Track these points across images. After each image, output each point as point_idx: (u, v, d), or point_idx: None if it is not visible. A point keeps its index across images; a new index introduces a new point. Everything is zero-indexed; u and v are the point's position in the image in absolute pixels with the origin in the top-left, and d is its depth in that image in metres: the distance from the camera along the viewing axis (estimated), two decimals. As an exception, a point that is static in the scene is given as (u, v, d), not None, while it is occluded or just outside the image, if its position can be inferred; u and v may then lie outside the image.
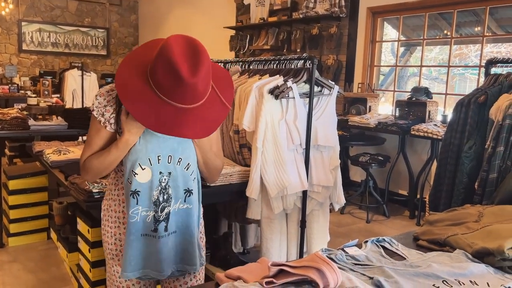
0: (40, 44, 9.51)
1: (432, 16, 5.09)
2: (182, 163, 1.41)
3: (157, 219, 1.40)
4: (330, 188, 2.58)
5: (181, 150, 1.40)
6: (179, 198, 1.42)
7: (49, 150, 2.84)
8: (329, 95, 2.55)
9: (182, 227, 1.45)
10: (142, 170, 1.36)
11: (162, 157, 1.38)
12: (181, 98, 1.24)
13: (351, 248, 1.20)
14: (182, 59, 1.20)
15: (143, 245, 1.41)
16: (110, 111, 1.38)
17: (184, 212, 1.44)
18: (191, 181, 1.43)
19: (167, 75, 1.21)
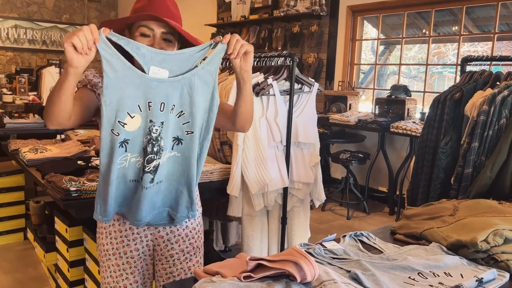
0: (16, 40, 9.30)
1: (411, 15, 5.16)
2: (175, 110, 1.29)
3: (143, 169, 1.30)
4: (311, 185, 2.60)
5: (176, 97, 1.28)
6: (167, 147, 1.31)
7: (25, 148, 2.78)
8: (309, 92, 2.56)
9: (168, 175, 1.34)
10: (131, 119, 1.25)
11: (154, 104, 1.26)
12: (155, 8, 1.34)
13: (330, 243, 1.21)
14: None
15: (128, 190, 1.33)
16: (97, 77, 1.37)
17: (172, 160, 1.33)
18: (182, 131, 1.31)
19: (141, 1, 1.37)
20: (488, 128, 1.76)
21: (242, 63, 1.34)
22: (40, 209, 2.87)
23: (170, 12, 1.37)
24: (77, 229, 2.35)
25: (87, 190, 2.02)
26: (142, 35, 1.35)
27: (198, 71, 1.30)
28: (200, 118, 1.31)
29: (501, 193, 1.65)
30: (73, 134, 3.30)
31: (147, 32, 1.35)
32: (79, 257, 2.38)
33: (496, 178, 1.71)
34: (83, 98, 1.33)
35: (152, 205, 1.36)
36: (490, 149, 1.76)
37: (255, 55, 2.75)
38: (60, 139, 3.32)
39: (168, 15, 1.35)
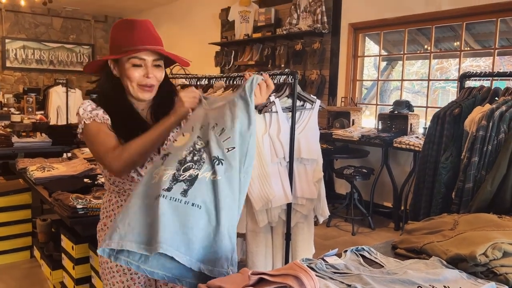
0: (24, 61, 9.48)
1: (412, 31, 5.23)
2: (217, 128, 1.22)
3: (175, 177, 1.12)
4: (314, 200, 2.61)
5: (220, 117, 1.24)
6: (207, 165, 1.16)
7: (33, 167, 2.83)
8: (311, 109, 2.60)
9: (208, 203, 1.12)
10: (183, 137, 1.25)
11: (204, 126, 1.25)
12: (142, 38, 1.39)
13: (331, 258, 1.23)
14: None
15: (150, 210, 1.10)
16: (101, 110, 1.43)
17: (211, 183, 1.13)
18: (222, 150, 1.18)
19: (121, 31, 1.41)
20: (487, 143, 1.78)
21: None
22: (46, 227, 2.90)
23: (154, 37, 1.43)
24: (83, 247, 2.38)
25: (93, 207, 2.06)
26: (134, 65, 1.41)
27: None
28: (239, 134, 1.21)
29: (502, 207, 1.67)
30: (79, 152, 3.35)
31: (139, 63, 1.41)
32: (85, 275, 2.40)
33: (496, 192, 1.73)
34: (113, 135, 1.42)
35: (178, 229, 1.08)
36: (490, 163, 1.78)
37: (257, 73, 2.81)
38: (67, 158, 3.38)
39: (154, 40, 1.42)
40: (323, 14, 5.40)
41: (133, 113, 1.47)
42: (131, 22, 1.42)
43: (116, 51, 1.42)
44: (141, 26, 1.41)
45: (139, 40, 1.39)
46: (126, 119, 1.45)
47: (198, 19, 7.97)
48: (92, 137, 1.40)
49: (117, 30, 1.43)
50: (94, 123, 1.40)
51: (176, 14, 8.63)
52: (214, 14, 7.40)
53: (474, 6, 4.20)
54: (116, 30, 1.44)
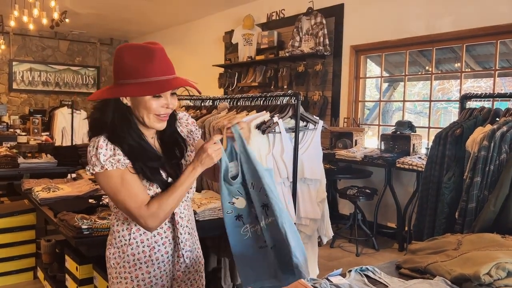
0: (30, 83, 9.62)
1: (413, 53, 5.30)
2: (255, 185, 1.53)
3: (260, 231, 1.53)
4: (318, 221, 2.62)
5: (249, 173, 1.53)
6: (262, 214, 1.51)
7: (38, 187, 2.85)
8: (314, 129, 2.63)
9: (278, 241, 1.51)
10: (237, 199, 1.53)
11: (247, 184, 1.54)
12: (162, 69, 1.36)
13: (335, 277, 1.24)
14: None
15: (262, 256, 1.53)
16: (121, 155, 1.37)
17: (271, 226, 1.51)
18: (263, 197, 1.51)
19: (138, 59, 1.33)
20: (489, 163, 1.80)
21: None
22: (51, 247, 2.91)
23: (171, 66, 1.41)
24: (87, 267, 2.38)
25: (98, 228, 2.07)
26: (155, 96, 1.37)
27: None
28: (264, 179, 1.51)
29: (506, 227, 1.67)
30: (84, 173, 3.38)
31: (160, 94, 1.38)
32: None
33: (500, 212, 1.74)
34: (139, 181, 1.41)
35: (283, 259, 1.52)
36: (493, 183, 1.79)
37: (261, 94, 2.86)
38: (72, 178, 3.40)
39: (172, 69, 1.41)
40: (325, 37, 5.49)
41: (148, 146, 1.44)
42: (149, 51, 1.35)
43: (129, 77, 1.34)
44: (159, 55, 1.36)
45: (160, 71, 1.35)
46: (143, 154, 1.41)
47: (202, 42, 8.10)
48: (116, 187, 1.36)
49: (132, 58, 1.34)
50: (117, 171, 1.35)
51: (180, 37, 8.78)
52: (218, 37, 7.52)
53: (474, 29, 4.27)
54: (131, 57, 1.34)
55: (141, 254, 1.47)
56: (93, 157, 1.36)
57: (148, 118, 1.39)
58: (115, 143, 1.37)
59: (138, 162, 1.39)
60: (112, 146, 1.37)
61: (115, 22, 8.68)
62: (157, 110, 1.38)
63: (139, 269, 1.48)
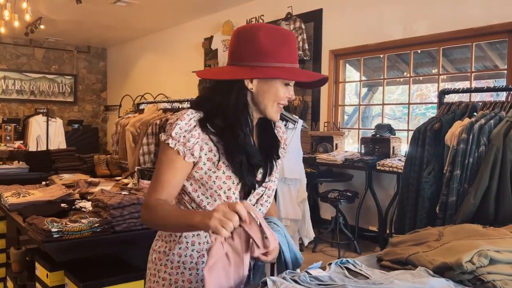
0: (4, 91, 9.37)
1: (392, 58, 5.36)
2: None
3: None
4: (299, 221, 2.58)
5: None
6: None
7: (7, 193, 2.73)
8: (293, 129, 2.60)
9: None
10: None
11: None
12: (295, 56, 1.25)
13: (315, 270, 1.18)
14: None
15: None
16: (195, 136, 1.22)
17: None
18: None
19: (274, 41, 1.22)
20: (468, 156, 1.79)
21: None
22: (20, 255, 2.78)
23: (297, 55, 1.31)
24: (58, 274, 2.27)
25: (69, 231, 1.97)
26: (286, 84, 1.26)
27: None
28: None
29: (486, 219, 1.66)
30: (57, 178, 3.26)
31: (290, 83, 1.27)
32: (60, 304, 2.28)
33: (480, 205, 1.72)
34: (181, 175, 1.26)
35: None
36: (472, 176, 1.78)
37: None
38: (44, 184, 3.28)
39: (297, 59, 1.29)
40: (304, 42, 5.51)
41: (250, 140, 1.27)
42: (286, 34, 1.26)
43: (264, 58, 1.22)
44: (294, 41, 1.27)
45: (293, 58, 1.25)
46: (246, 148, 1.25)
47: (182, 48, 8.05)
48: (160, 163, 1.24)
49: (271, 39, 1.22)
50: (174, 152, 1.22)
51: (160, 43, 8.71)
52: (198, 43, 7.48)
53: (449, 32, 4.33)
54: (269, 38, 1.22)
55: (188, 258, 1.28)
56: (168, 125, 1.25)
57: (272, 107, 1.27)
58: (211, 128, 1.24)
59: (236, 155, 1.23)
60: (193, 122, 1.23)
61: (93, 29, 8.55)
62: (283, 99, 1.27)
63: (181, 274, 1.29)
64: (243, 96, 1.25)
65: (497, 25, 3.98)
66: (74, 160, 3.54)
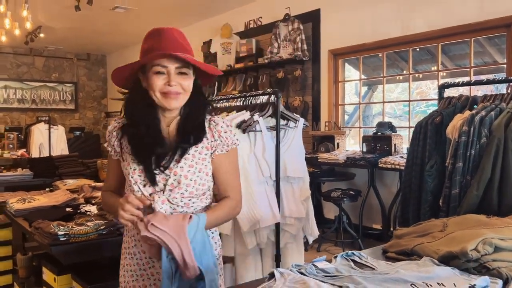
0: (5, 100, 9.41)
1: (391, 56, 5.37)
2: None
3: None
4: (303, 219, 2.58)
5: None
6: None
7: (12, 199, 2.75)
8: (295, 127, 2.61)
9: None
10: None
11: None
12: (167, 46, 1.34)
13: (321, 262, 1.20)
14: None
15: None
16: (114, 136, 1.49)
17: None
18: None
19: (148, 39, 1.41)
20: (470, 148, 1.80)
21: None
22: (27, 261, 2.79)
23: (179, 45, 1.37)
24: (66, 278, 2.28)
25: (76, 234, 1.99)
26: (157, 72, 1.35)
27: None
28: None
29: (490, 210, 1.66)
30: (61, 184, 3.28)
31: (162, 70, 1.35)
32: (68, 308, 2.29)
33: (483, 197, 1.73)
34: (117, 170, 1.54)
35: None
36: (474, 168, 1.79)
37: (240, 94, 2.83)
38: (49, 190, 3.29)
39: (178, 48, 1.35)
40: (303, 42, 5.53)
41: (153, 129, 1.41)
42: (158, 30, 1.39)
43: (140, 57, 1.42)
44: (167, 34, 1.37)
45: (163, 47, 1.34)
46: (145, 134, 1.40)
47: (181, 53, 8.07)
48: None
49: (145, 39, 1.42)
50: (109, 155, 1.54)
51: (159, 49, 8.73)
52: (196, 46, 7.50)
53: (447, 28, 4.35)
54: (145, 39, 1.42)
55: (127, 244, 1.60)
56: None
57: (156, 97, 1.37)
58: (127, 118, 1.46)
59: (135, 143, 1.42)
60: (116, 125, 1.50)
61: (92, 36, 8.59)
62: (160, 88, 1.36)
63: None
64: (139, 93, 1.43)
65: (494, 20, 4.00)
66: (78, 165, 3.56)
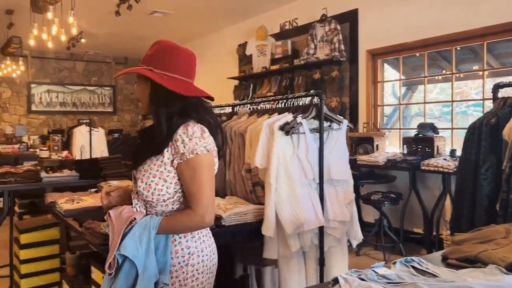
0: (48, 104, 9.77)
1: (431, 55, 5.22)
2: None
3: None
4: (347, 223, 2.54)
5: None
6: None
7: (61, 200, 2.83)
8: (338, 129, 2.57)
9: None
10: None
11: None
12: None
13: (381, 269, 1.17)
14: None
15: None
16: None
17: None
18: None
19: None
20: (529, 151, 1.72)
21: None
22: (76, 259, 2.87)
23: (144, 56, 1.57)
24: (113, 277, 2.33)
25: (124, 234, 2.02)
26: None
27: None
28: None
29: (553, 216, 1.58)
30: (106, 185, 3.36)
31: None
32: (116, 307, 2.34)
33: (545, 202, 1.65)
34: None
35: None
36: (535, 171, 1.70)
37: (282, 96, 2.81)
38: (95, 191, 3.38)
39: (146, 62, 1.55)
40: (340, 43, 5.46)
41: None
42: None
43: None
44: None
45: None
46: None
47: (216, 56, 8.15)
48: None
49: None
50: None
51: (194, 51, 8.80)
52: (232, 49, 7.56)
53: (492, 26, 4.19)
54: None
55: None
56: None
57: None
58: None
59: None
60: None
61: (130, 41, 8.80)
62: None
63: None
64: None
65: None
66: (121, 167, 3.64)
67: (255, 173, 2.60)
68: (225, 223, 2.29)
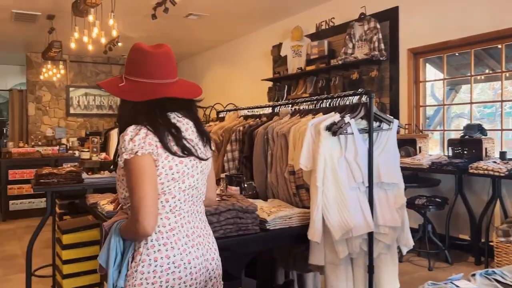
0: (86, 107, 10.00)
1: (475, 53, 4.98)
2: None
3: None
4: (398, 229, 2.41)
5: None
6: None
7: (103, 201, 2.82)
8: (388, 129, 2.45)
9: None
10: None
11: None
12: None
13: (461, 282, 1.05)
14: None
15: None
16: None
17: None
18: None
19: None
20: None
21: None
22: (117, 262, 2.86)
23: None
24: (156, 281, 2.29)
25: (169, 237, 1.97)
26: None
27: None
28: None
29: None
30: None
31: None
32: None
33: None
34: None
35: None
36: None
37: (327, 95, 2.71)
38: (134, 193, 3.38)
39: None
40: (380, 42, 5.30)
41: None
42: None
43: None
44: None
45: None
46: None
47: (250, 58, 8.11)
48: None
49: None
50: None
51: (228, 54, 8.85)
52: (266, 51, 7.50)
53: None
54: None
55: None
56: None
57: None
58: None
59: None
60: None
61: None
62: None
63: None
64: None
65: None
66: (159, 168, 3.62)
67: (299, 175, 2.50)
68: (269, 227, 2.21)
